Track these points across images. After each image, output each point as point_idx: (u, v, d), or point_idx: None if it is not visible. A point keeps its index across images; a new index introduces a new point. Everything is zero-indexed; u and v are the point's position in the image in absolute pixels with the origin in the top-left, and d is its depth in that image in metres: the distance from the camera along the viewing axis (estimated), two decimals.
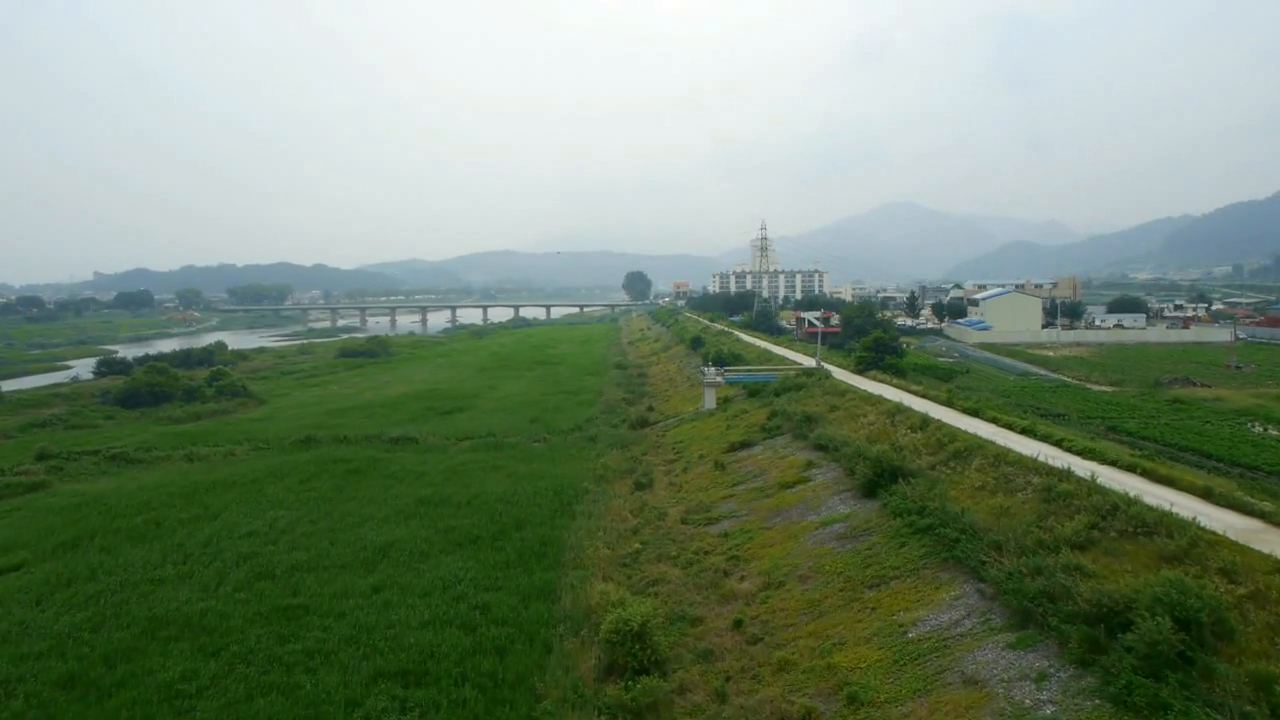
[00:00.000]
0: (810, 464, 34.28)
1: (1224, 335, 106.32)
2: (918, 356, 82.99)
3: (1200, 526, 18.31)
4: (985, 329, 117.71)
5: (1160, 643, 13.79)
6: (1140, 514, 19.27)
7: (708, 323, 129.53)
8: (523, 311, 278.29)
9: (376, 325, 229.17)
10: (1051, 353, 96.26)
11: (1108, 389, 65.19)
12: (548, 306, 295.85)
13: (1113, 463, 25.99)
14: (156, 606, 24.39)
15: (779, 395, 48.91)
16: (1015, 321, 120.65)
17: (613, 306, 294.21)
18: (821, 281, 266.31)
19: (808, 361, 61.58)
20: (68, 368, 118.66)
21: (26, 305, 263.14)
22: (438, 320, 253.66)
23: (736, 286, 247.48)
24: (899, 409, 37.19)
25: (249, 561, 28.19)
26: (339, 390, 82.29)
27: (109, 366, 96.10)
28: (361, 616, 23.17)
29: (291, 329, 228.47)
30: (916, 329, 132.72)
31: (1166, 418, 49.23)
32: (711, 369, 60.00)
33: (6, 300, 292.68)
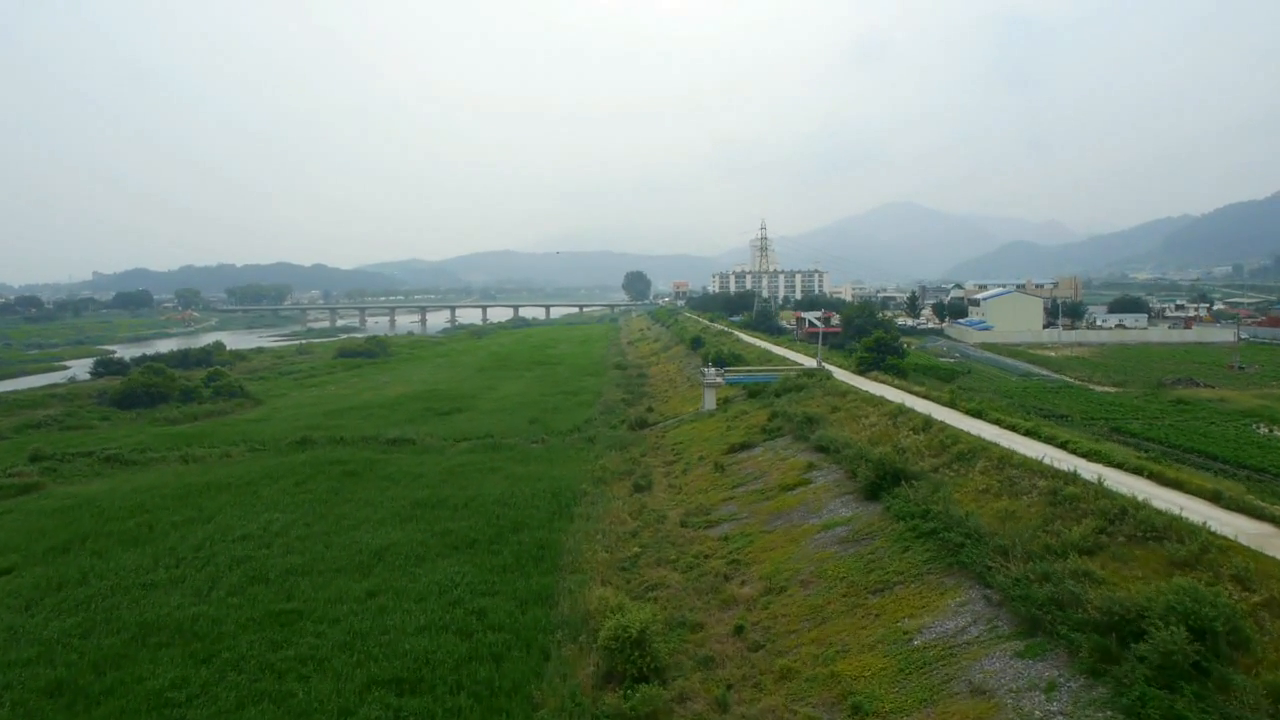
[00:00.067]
0: (811, 466, 33.91)
1: (1226, 335, 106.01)
2: (919, 357, 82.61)
3: (1211, 531, 17.90)
4: (986, 329, 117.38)
5: (1175, 653, 13.40)
6: (1149, 518, 18.88)
7: (707, 323, 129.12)
8: (522, 311, 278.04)
9: (375, 325, 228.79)
10: (1053, 353, 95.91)
11: (1110, 390, 64.83)
12: (547, 306, 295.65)
13: (1119, 465, 25.59)
14: (147, 612, 24.03)
15: (779, 396, 48.55)
16: (1016, 321, 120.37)
17: (612, 306, 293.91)
18: (821, 281, 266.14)
19: (808, 362, 61.22)
20: (65, 368, 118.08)
21: (25, 305, 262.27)
22: (437, 320, 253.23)
23: (736, 286, 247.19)
24: (901, 410, 36.83)
25: (242, 565, 27.82)
26: (337, 391, 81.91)
27: (106, 367, 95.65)
28: (356, 622, 22.82)
29: (290, 329, 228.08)
30: (917, 329, 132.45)
31: (1171, 419, 48.87)
32: (711, 369, 59.63)
33: (5, 300, 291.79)
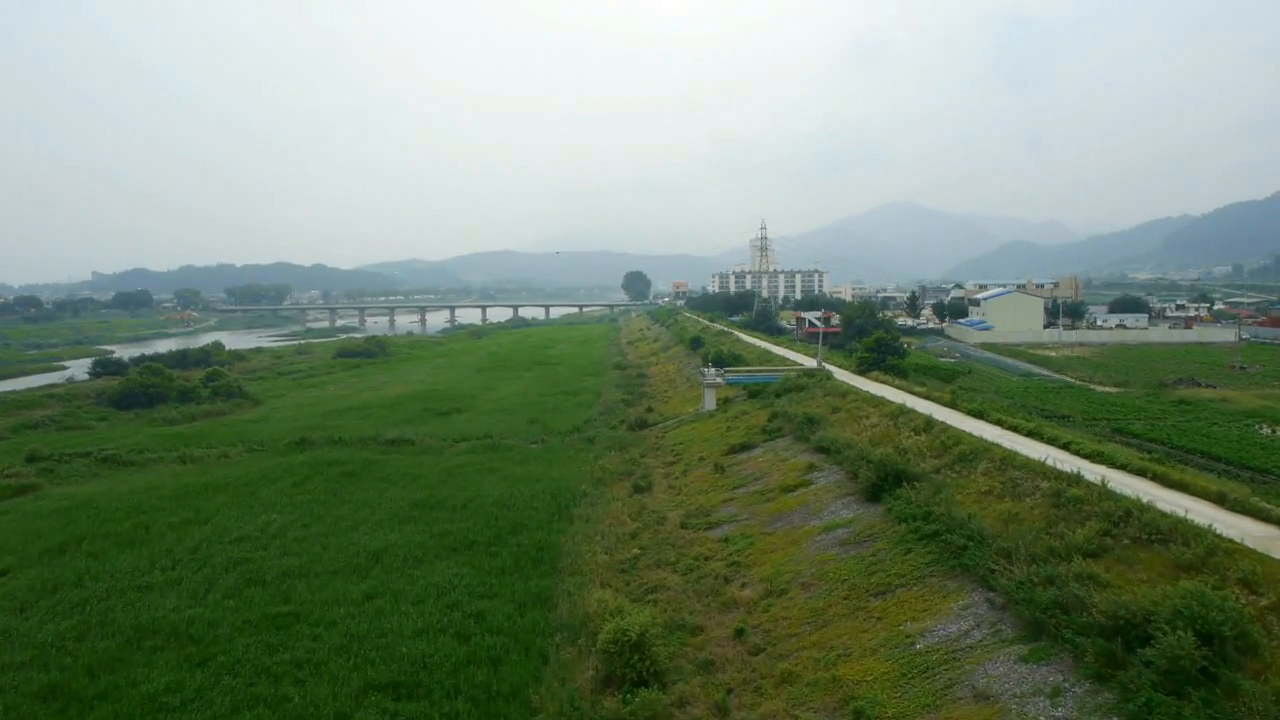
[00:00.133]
0: (812, 467, 33.70)
1: (1227, 335, 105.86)
2: (919, 357, 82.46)
3: (1217, 534, 17.68)
4: (987, 329, 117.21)
5: (1182, 658, 13.18)
6: (1154, 521, 18.68)
7: (707, 323, 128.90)
8: (522, 311, 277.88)
9: (375, 325, 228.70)
10: (1054, 353, 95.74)
11: (1112, 390, 64.67)
12: (547, 306, 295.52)
13: (1122, 466, 25.37)
14: (143, 614, 23.82)
15: (780, 396, 48.35)
16: (1017, 321, 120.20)
17: (612, 306, 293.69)
18: (821, 281, 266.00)
19: (809, 362, 61.02)
20: (64, 368, 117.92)
21: (24, 305, 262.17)
22: (436, 320, 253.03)
23: (736, 286, 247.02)
24: (902, 411, 36.63)
25: (239, 567, 27.62)
26: (336, 391, 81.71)
27: (104, 367, 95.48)
28: (353, 625, 22.61)
29: (290, 329, 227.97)
30: (917, 329, 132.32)
31: (1173, 419, 48.70)
32: (711, 370, 59.43)
33: (4, 300, 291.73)
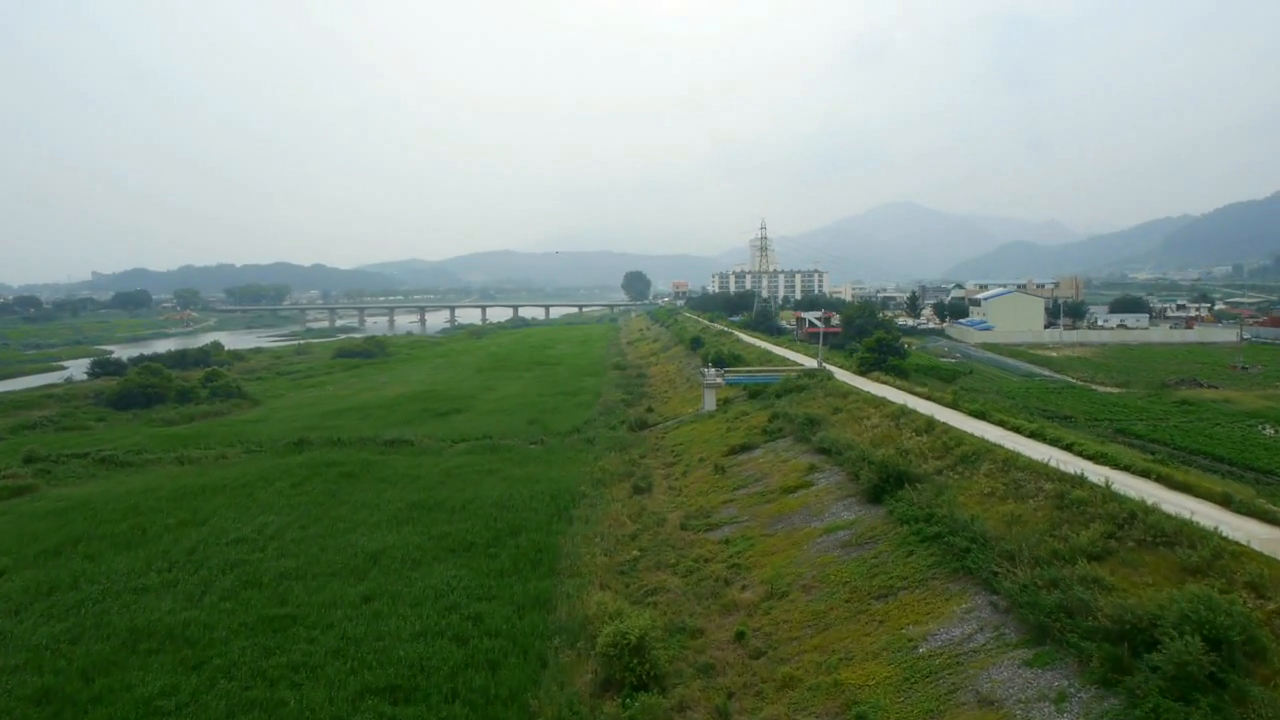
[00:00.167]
0: (813, 468, 33.49)
1: (1228, 335, 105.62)
2: (920, 357, 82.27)
3: (1223, 537, 17.48)
4: (987, 329, 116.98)
5: (1190, 663, 12.99)
6: (1159, 523, 18.48)
7: (707, 323, 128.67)
8: (521, 311, 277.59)
9: (374, 325, 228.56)
10: (1054, 353, 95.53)
11: (1114, 390, 64.46)
12: (547, 306, 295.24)
13: (1126, 468, 25.17)
14: (138, 617, 23.65)
15: (780, 397, 48.14)
16: (1017, 321, 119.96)
17: (612, 306, 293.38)
18: (821, 281, 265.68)
19: (809, 362, 60.82)
20: (63, 368, 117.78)
21: (23, 305, 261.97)
22: (436, 320, 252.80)
23: (736, 286, 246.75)
24: (903, 411, 36.41)
25: (236, 569, 27.43)
26: (335, 391, 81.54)
27: (103, 367, 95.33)
28: (350, 628, 22.43)
29: (289, 329, 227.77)
30: (918, 329, 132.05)
31: (1175, 420, 48.50)
32: (711, 370, 59.19)
33: (4, 300, 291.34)
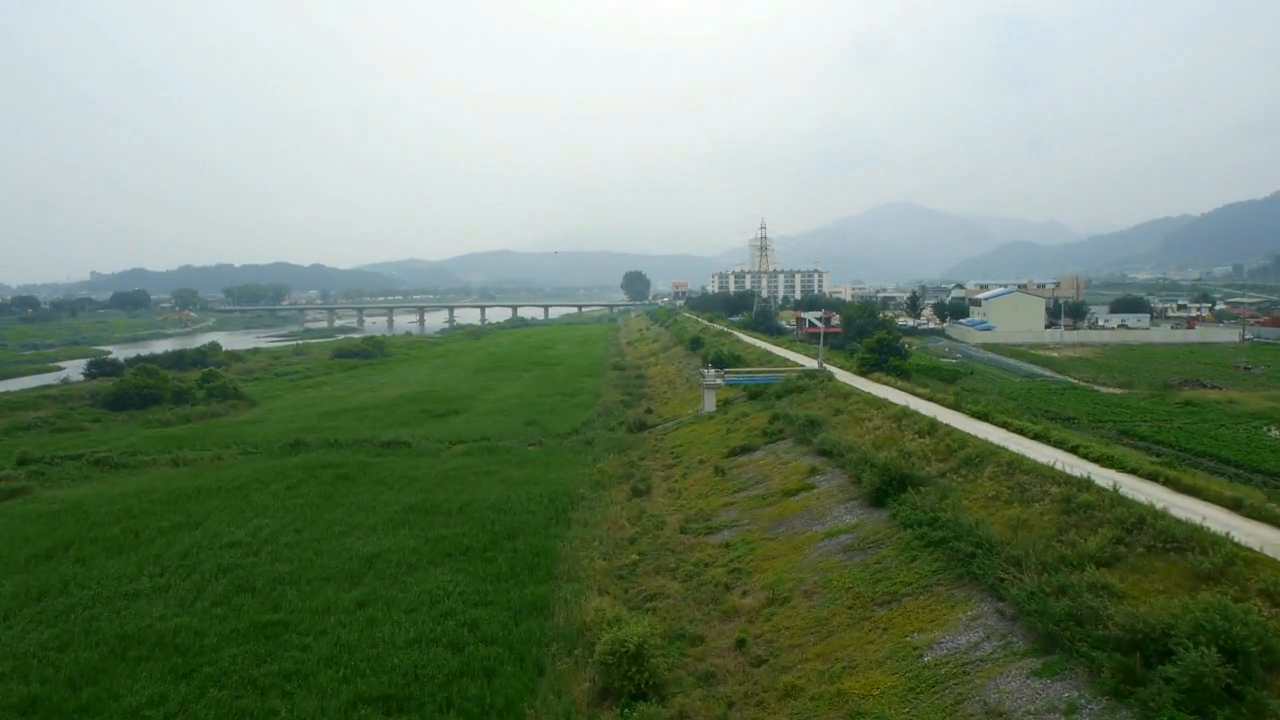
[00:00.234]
0: (814, 470, 33.09)
1: (1229, 336, 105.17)
2: (921, 357, 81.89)
3: (1235, 542, 17.11)
4: (988, 329, 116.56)
5: (1206, 675, 12.60)
6: (1169, 528, 18.08)
7: (707, 323, 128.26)
8: (521, 311, 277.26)
9: (373, 326, 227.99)
10: (1056, 353, 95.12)
11: (1116, 391, 64.04)
12: (546, 307, 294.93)
13: (1133, 471, 24.79)
14: (128, 623, 23.23)
15: (780, 398, 47.75)
16: (1018, 322, 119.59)
17: (611, 306, 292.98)
18: (821, 281, 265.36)
19: (809, 363, 60.42)
20: (60, 369, 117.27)
21: (21, 305, 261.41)
22: (435, 320, 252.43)
23: (736, 286, 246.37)
24: (905, 413, 36.02)
25: (229, 574, 27.01)
26: (333, 392, 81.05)
27: (99, 368, 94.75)
28: (343, 634, 22.02)
29: (288, 329, 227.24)
30: (918, 329, 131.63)
31: (1179, 421, 48.08)
32: (711, 371, 58.76)
33: (2, 301, 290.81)
